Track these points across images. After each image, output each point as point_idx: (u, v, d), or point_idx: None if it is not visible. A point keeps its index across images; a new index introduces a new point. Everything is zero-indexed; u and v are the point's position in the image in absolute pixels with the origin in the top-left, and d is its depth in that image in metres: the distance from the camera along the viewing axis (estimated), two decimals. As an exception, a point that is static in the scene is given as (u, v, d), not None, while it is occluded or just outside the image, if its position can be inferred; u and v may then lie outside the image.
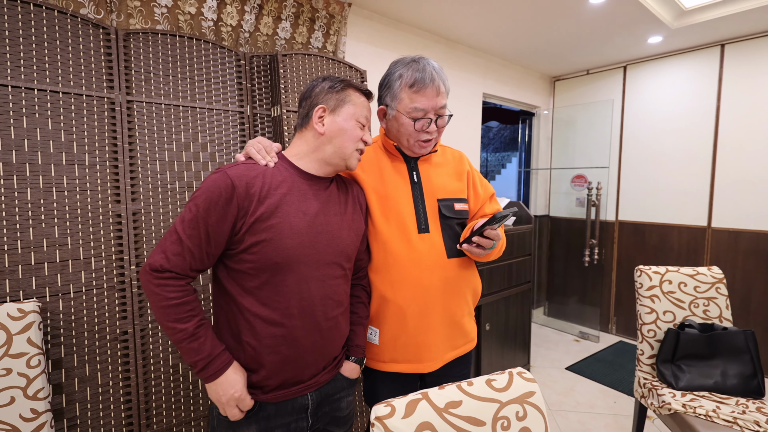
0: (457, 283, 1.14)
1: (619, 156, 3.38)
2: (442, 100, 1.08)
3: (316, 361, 0.96)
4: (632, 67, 3.28)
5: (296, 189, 0.93)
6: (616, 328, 3.43)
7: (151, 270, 0.84)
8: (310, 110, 0.97)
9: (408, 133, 1.09)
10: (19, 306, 1.14)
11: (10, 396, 1.09)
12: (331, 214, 0.98)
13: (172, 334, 0.84)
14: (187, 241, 0.85)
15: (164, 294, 0.83)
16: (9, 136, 1.23)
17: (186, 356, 0.86)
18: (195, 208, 0.85)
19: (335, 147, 0.96)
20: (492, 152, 9.91)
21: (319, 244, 0.94)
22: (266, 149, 0.97)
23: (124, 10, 1.51)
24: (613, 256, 3.42)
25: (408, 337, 1.10)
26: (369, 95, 1.03)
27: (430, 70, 1.05)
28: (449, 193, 1.17)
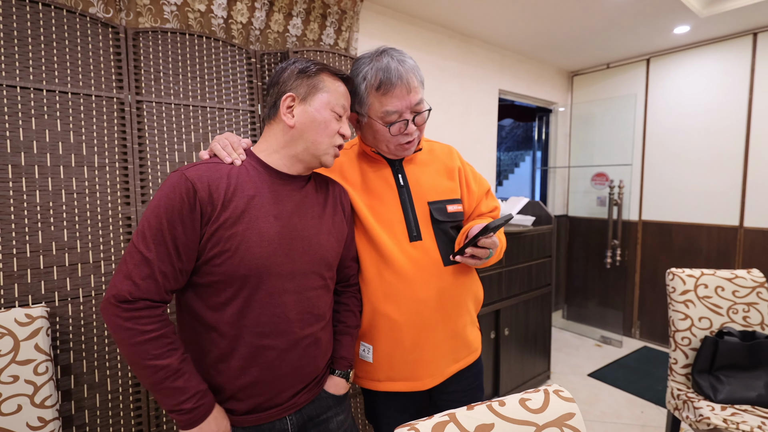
0: (456, 292, 1.04)
1: (642, 153, 3.24)
2: (416, 96, 0.95)
3: (292, 384, 0.86)
4: (656, 59, 3.15)
5: (266, 190, 0.83)
6: (640, 333, 3.30)
7: (117, 302, 0.71)
8: (277, 99, 0.85)
9: (385, 139, 0.98)
10: (27, 311, 1.12)
11: (17, 404, 1.06)
12: (308, 218, 0.88)
13: (151, 374, 0.71)
14: (155, 260, 0.72)
15: (138, 328, 0.71)
16: (18, 138, 1.21)
17: (167, 399, 0.73)
18: (156, 219, 0.73)
19: (307, 142, 0.84)
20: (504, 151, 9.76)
21: (294, 251, 0.83)
22: (233, 145, 0.86)
23: (133, 9, 1.48)
24: (636, 257, 3.29)
25: (404, 354, 1.00)
26: (348, 80, 0.91)
27: (395, 67, 0.92)
28: (440, 194, 1.06)
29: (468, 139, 2.81)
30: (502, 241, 1.12)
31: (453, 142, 2.67)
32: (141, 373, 0.72)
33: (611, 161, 3.33)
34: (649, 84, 3.19)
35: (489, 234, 0.93)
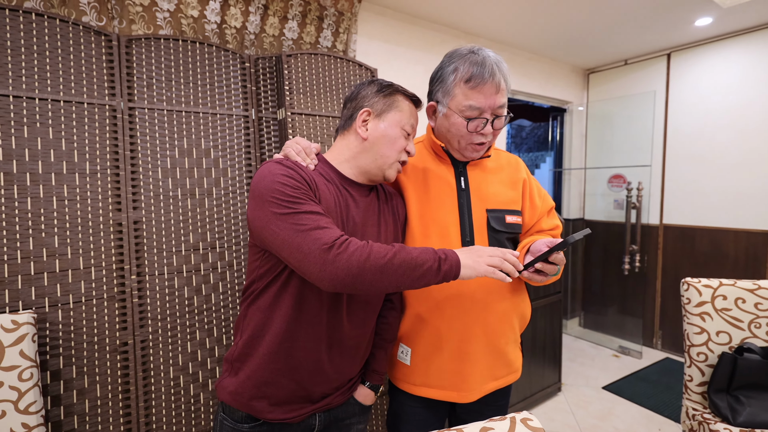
0: (504, 306, 1.01)
1: (663, 153, 3.08)
2: (502, 99, 0.94)
3: (329, 380, 0.90)
4: (677, 54, 2.98)
5: (338, 194, 0.88)
6: (662, 344, 3.13)
7: (328, 248, 0.71)
8: (354, 112, 0.92)
9: (459, 134, 0.97)
10: (12, 317, 1.13)
11: (1, 410, 1.07)
12: (369, 224, 0.92)
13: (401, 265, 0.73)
14: (323, 212, 0.77)
15: (375, 253, 0.73)
16: (10, 146, 1.23)
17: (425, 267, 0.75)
18: (286, 189, 0.76)
19: (376, 154, 0.90)
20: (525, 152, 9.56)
21: None
22: (305, 150, 0.90)
23: (126, 17, 1.49)
24: (657, 263, 3.12)
25: (443, 362, 0.99)
26: (418, 102, 0.96)
27: (490, 64, 0.92)
28: (501, 203, 1.04)
29: (475, 141, 2.73)
30: None
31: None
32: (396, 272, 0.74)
33: (629, 162, 3.18)
34: (669, 80, 3.03)
35: (563, 248, 0.88)
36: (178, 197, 1.49)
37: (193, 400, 1.48)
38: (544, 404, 2.34)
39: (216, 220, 1.55)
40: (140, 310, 1.40)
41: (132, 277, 1.39)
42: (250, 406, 0.86)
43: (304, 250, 0.72)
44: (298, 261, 0.73)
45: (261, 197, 0.77)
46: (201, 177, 1.54)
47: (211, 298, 1.53)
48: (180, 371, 1.45)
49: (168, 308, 1.45)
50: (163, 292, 1.44)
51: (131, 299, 1.39)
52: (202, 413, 1.49)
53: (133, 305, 1.39)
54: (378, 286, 0.74)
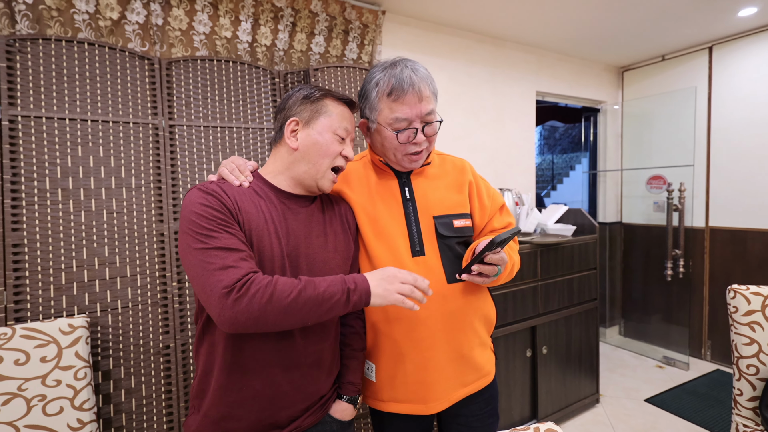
0: (462, 311, 0.99)
1: (707, 152, 2.91)
2: (428, 106, 0.94)
3: (295, 401, 0.85)
4: (720, 47, 2.82)
5: (274, 209, 0.86)
6: (712, 354, 2.93)
7: (227, 292, 0.69)
8: (283, 123, 0.89)
9: (393, 146, 0.97)
10: (69, 321, 1.23)
11: (59, 406, 1.17)
12: (313, 236, 0.89)
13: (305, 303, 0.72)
14: (235, 245, 0.74)
15: (277, 293, 0.71)
16: (66, 164, 1.35)
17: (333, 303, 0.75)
18: (202, 220, 0.75)
19: (309, 164, 0.87)
20: (559, 153, 9.27)
21: (299, 269, 0.85)
22: (239, 168, 0.90)
23: (167, 41, 1.61)
24: (704, 268, 2.94)
25: (407, 375, 0.97)
26: (351, 104, 0.94)
27: (408, 74, 0.92)
28: (447, 208, 1.03)
29: (503, 145, 2.70)
30: (514, 259, 1.05)
31: (485, 149, 2.59)
32: (300, 311, 0.73)
33: (669, 162, 3.03)
34: (712, 75, 2.87)
35: (496, 249, 0.88)
36: (214, 208, 1.58)
37: (229, 402, 1.54)
38: (581, 416, 2.26)
39: (249, 229, 1.62)
40: (180, 315, 1.49)
41: (173, 284, 1.48)
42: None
43: (207, 292, 0.71)
44: (203, 301, 0.73)
45: (181, 227, 0.78)
46: (235, 188, 1.62)
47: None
48: (217, 374, 1.53)
49: (206, 313, 1.53)
50: (201, 298, 1.52)
51: (172, 305, 1.48)
52: (237, 415, 1.56)
53: (174, 310, 1.48)
54: (283, 326, 0.73)
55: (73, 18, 1.44)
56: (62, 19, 1.43)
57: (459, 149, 2.46)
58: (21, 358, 1.14)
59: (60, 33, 1.44)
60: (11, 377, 1.12)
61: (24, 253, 1.27)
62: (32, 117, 1.30)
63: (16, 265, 1.25)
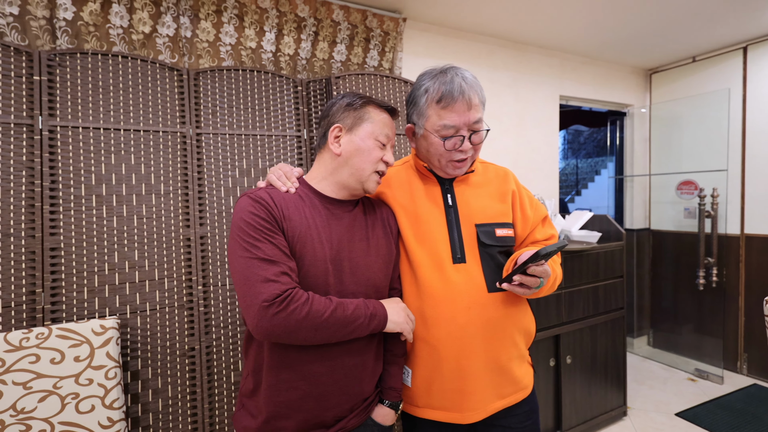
0: (501, 322, 0.98)
1: (742, 156, 2.79)
2: (476, 114, 0.95)
3: (340, 402, 0.88)
4: (755, 47, 2.71)
5: (318, 215, 0.89)
6: (748, 368, 2.79)
7: (267, 306, 0.74)
8: (326, 130, 0.93)
9: (438, 153, 0.98)
10: (101, 322, 1.28)
11: (91, 404, 1.22)
12: (356, 241, 0.92)
13: (334, 323, 0.79)
14: (278, 258, 0.79)
15: (313, 310, 0.77)
16: (101, 172, 1.42)
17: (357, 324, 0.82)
18: (249, 228, 0.80)
19: (352, 168, 0.91)
20: (584, 158, 9.05)
21: (343, 273, 0.88)
22: (286, 175, 0.94)
23: (195, 53, 1.66)
24: (739, 277, 2.81)
25: (444, 382, 0.96)
26: (392, 112, 0.97)
27: (458, 82, 0.93)
28: (489, 217, 1.03)
29: (525, 150, 2.66)
30: (557, 272, 1.04)
31: (508, 154, 2.56)
32: (329, 329, 0.79)
33: (701, 167, 2.91)
34: (747, 76, 2.75)
35: (540, 261, 0.87)
36: (238, 214, 1.61)
37: (251, 405, 1.57)
38: (607, 429, 2.18)
39: (271, 234, 1.65)
40: (205, 318, 1.53)
41: (199, 287, 1.52)
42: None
43: (247, 301, 0.76)
44: (242, 308, 0.78)
45: (231, 233, 0.83)
46: (258, 194, 1.65)
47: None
48: (239, 377, 1.55)
49: (230, 317, 1.56)
50: (225, 302, 1.56)
51: (198, 308, 1.52)
52: (259, 417, 1.58)
53: (199, 314, 1.52)
54: (311, 341, 0.79)
55: (108, 32, 1.51)
56: (98, 33, 1.50)
57: (481, 155, 2.44)
58: (57, 357, 1.20)
59: (96, 47, 1.51)
60: (48, 375, 1.18)
61: (60, 257, 1.33)
62: (70, 127, 1.37)
63: (53, 268, 1.32)
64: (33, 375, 1.16)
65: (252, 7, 1.74)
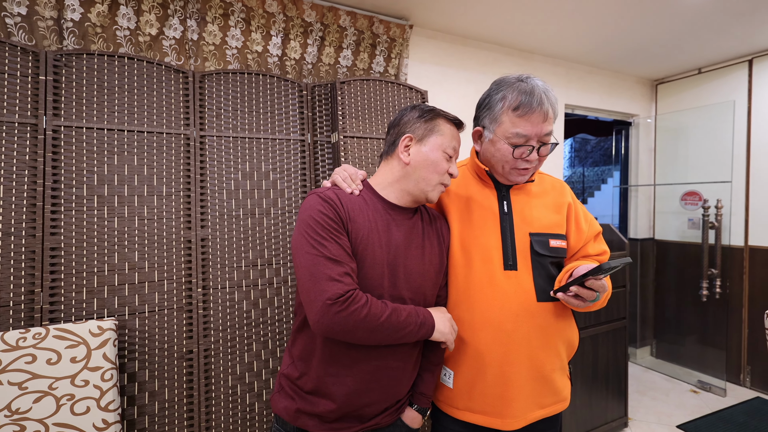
0: (548, 331, 0.98)
1: (747, 168, 2.77)
2: (548, 127, 0.96)
3: (378, 400, 0.91)
4: (760, 59, 2.70)
5: (380, 219, 0.91)
6: (752, 380, 2.76)
7: (331, 304, 0.78)
8: (396, 138, 0.95)
9: (504, 159, 0.99)
10: (99, 323, 1.28)
11: (86, 406, 1.21)
12: (413, 247, 0.94)
13: (388, 327, 0.82)
14: (342, 258, 0.82)
15: (373, 312, 0.80)
16: (103, 172, 1.41)
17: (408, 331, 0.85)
18: (321, 229, 0.82)
19: (419, 178, 0.93)
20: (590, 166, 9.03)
21: (398, 278, 0.90)
22: (351, 177, 0.96)
23: (201, 55, 1.67)
24: (743, 289, 2.78)
25: (486, 386, 0.97)
26: (459, 125, 0.98)
27: (539, 93, 0.94)
28: (544, 227, 1.03)
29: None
30: (609, 290, 1.03)
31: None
32: (383, 332, 0.83)
33: (705, 178, 2.90)
34: (752, 88, 2.74)
35: (600, 276, 0.87)
36: (240, 217, 1.61)
37: (248, 409, 1.55)
38: (608, 441, 2.16)
39: (273, 238, 1.65)
40: (204, 320, 1.52)
41: (198, 290, 1.52)
42: (303, 422, 0.91)
43: (311, 297, 0.79)
44: (305, 302, 0.82)
45: (298, 228, 0.86)
46: (260, 198, 1.65)
47: (267, 311, 1.61)
48: (237, 380, 1.54)
49: (228, 320, 1.55)
50: (225, 305, 1.55)
51: (197, 310, 1.51)
52: (256, 422, 1.56)
53: (198, 316, 1.51)
54: (365, 341, 0.83)
55: (115, 34, 1.52)
56: (105, 35, 1.51)
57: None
58: (53, 357, 1.19)
59: (103, 48, 1.52)
60: (43, 376, 1.17)
61: (60, 257, 1.33)
62: (74, 127, 1.37)
63: (52, 268, 1.31)
64: (29, 375, 1.15)
65: (259, 11, 1.75)
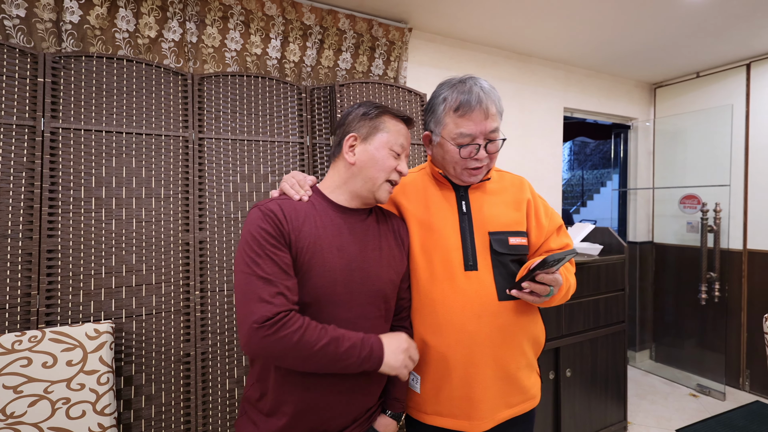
0: (511, 330, 0.98)
1: (745, 171, 2.78)
2: (492, 124, 0.96)
3: (343, 412, 0.88)
4: (758, 64, 2.71)
5: (330, 224, 0.89)
6: (751, 385, 2.75)
7: (257, 327, 0.74)
8: (341, 139, 0.93)
9: (454, 160, 0.99)
10: (95, 326, 1.27)
11: (82, 410, 1.20)
12: (368, 250, 0.92)
13: (325, 356, 0.77)
14: (275, 278, 0.78)
15: (306, 338, 0.76)
16: (101, 175, 1.41)
17: (349, 362, 0.79)
18: (258, 247, 0.79)
19: (365, 178, 0.91)
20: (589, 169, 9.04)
21: (353, 283, 0.87)
22: (300, 183, 0.94)
23: (200, 58, 1.67)
24: (741, 293, 2.78)
25: (452, 389, 0.96)
26: (408, 121, 0.96)
27: (477, 91, 0.95)
28: (503, 225, 1.03)
29: (528, 161, 2.66)
30: (570, 282, 1.03)
31: (511, 164, 2.55)
32: (318, 362, 0.78)
33: (704, 181, 2.90)
34: (750, 92, 2.75)
35: (551, 269, 0.87)
36: (238, 219, 1.61)
37: (245, 413, 1.54)
38: (607, 445, 2.15)
39: (271, 240, 1.64)
40: (202, 323, 1.51)
41: (196, 292, 1.51)
42: None
43: (240, 318, 0.77)
44: (237, 323, 0.79)
45: (238, 246, 0.83)
46: (259, 200, 1.65)
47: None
48: (235, 384, 1.53)
49: (226, 323, 1.54)
50: (223, 307, 1.54)
51: (194, 313, 1.50)
52: (253, 426, 1.55)
53: (195, 319, 1.50)
54: (299, 369, 0.79)
55: (114, 36, 1.52)
56: (104, 37, 1.50)
57: (482, 164, 2.44)
58: (49, 360, 1.18)
59: (101, 50, 1.51)
60: (39, 379, 1.16)
61: (57, 259, 1.32)
62: (72, 129, 1.37)
63: (49, 270, 1.30)
64: (24, 379, 1.14)
65: (258, 14, 1.75)
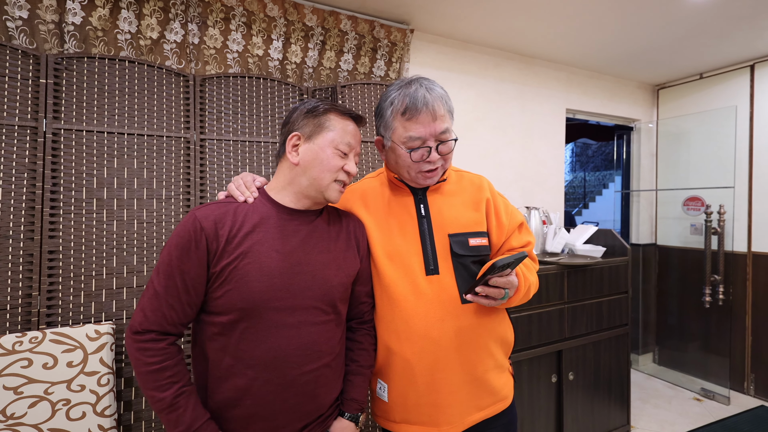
0: (476, 332, 0.96)
1: (749, 173, 2.76)
2: (442, 125, 0.94)
3: (291, 421, 0.84)
4: (762, 65, 2.70)
5: (272, 225, 0.85)
6: (755, 389, 2.72)
7: (132, 333, 0.78)
8: (285, 137, 0.89)
9: (407, 164, 0.97)
10: (96, 327, 1.27)
11: (82, 411, 1.20)
12: (315, 252, 0.88)
13: (152, 402, 0.77)
14: (164, 294, 0.78)
15: (143, 359, 0.76)
16: (103, 176, 1.41)
17: (167, 427, 0.78)
18: (167, 256, 0.79)
19: (310, 178, 0.87)
20: (591, 171, 9.01)
21: (295, 286, 0.84)
22: (246, 184, 0.91)
23: (202, 59, 1.67)
24: (746, 296, 2.76)
25: (419, 396, 0.94)
26: (358, 119, 0.93)
27: (422, 94, 0.92)
28: (463, 226, 1.01)
29: (531, 163, 2.65)
30: (531, 281, 1.02)
31: (513, 166, 2.55)
32: (147, 397, 0.78)
33: (708, 183, 2.88)
34: (754, 93, 2.73)
35: (505, 272, 0.86)
36: (239, 220, 1.60)
37: (246, 415, 1.54)
38: (610, 449, 2.13)
39: (272, 242, 1.64)
40: (202, 325, 1.51)
41: (197, 294, 1.50)
42: None
43: (135, 309, 0.81)
44: None
45: None
46: (260, 201, 1.64)
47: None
48: (235, 386, 1.53)
49: (227, 325, 1.54)
50: (223, 309, 1.54)
51: (195, 315, 1.49)
52: (253, 429, 1.55)
53: (196, 320, 1.49)
54: None
55: (116, 38, 1.52)
56: (106, 38, 1.51)
57: (486, 167, 2.43)
58: (49, 362, 1.18)
59: (104, 51, 1.52)
60: (39, 380, 1.16)
61: (59, 260, 1.32)
62: (73, 130, 1.37)
63: (50, 271, 1.30)
64: (24, 380, 1.14)
65: (260, 16, 1.75)
